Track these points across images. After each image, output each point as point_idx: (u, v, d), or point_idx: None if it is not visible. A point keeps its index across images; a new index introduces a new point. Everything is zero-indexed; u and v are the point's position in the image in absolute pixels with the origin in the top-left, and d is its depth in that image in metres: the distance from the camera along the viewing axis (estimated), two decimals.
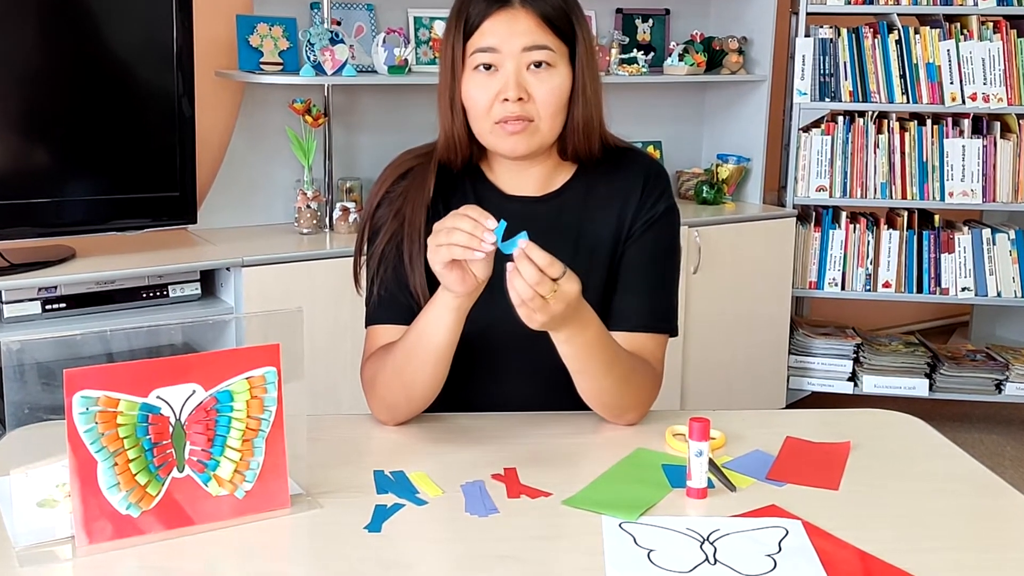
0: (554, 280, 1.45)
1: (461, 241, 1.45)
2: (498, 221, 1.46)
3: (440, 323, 1.57)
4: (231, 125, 3.40)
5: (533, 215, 1.74)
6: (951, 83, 3.91)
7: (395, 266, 1.72)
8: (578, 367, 1.61)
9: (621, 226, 1.75)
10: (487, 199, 1.75)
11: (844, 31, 3.92)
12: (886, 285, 4.05)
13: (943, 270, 4.03)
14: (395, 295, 1.72)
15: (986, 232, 4.02)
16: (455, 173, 1.76)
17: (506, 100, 1.63)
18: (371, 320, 1.76)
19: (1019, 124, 3.96)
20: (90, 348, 1.34)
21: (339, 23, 3.34)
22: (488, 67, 1.64)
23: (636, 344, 1.71)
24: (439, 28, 3.48)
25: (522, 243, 1.44)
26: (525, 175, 1.75)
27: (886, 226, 4.04)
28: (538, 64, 1.64)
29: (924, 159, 3.96)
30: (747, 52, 4.06)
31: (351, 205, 3.35)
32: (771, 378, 4.03)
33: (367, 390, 1.72)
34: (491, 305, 1.58)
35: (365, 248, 1.78)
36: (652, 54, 3.97)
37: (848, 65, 3.93)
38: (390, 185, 1.76)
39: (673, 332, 1.78)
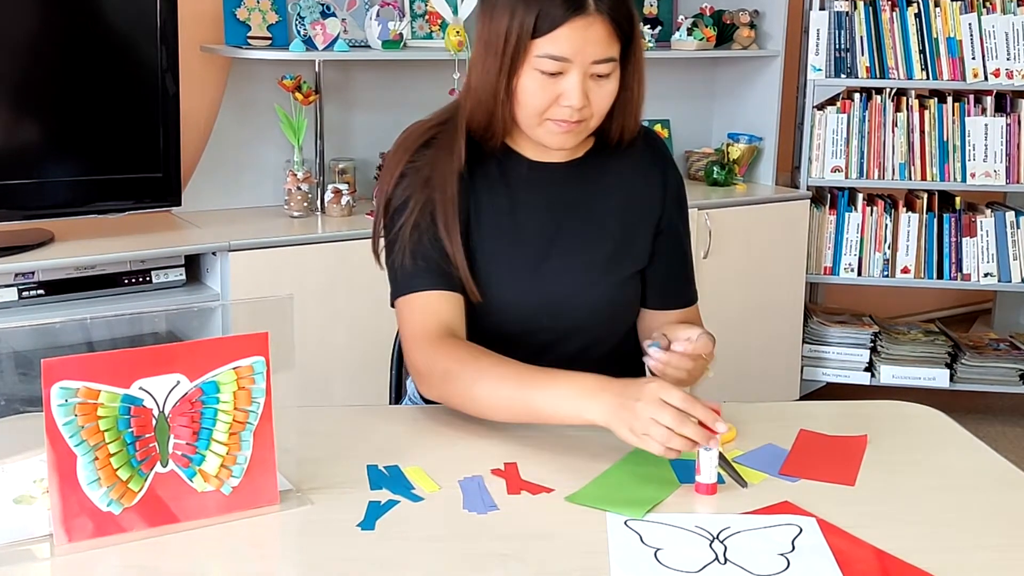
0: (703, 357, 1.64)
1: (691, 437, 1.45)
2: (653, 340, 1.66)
3: (560, 418, 1.56)
4: (217, 103, 3.39)
5: (556, 180, 1.82)
6: (973, 58, 3.90)
7: (431, 235, 1.74)
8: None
9: (643, 203, 1.86)
10: (512, 168, 1.81)
11: (861, 4, 3.91)
12: (905, 271, 4.04)
13: (965, 255, 4.02)
14: (436, 262, 1.73)
15: (1010, 215, 4.01)
16: (476, 141, 1.78)
17: (567, 105, 1.68)
18: (408, 288, 1.74)
19: None
20: (69, 337, 1.34)
21: None
22: (554, 73, 1.67)
23: (691, 316, 1.93)
24: (435, 0, 3.46)
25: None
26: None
27: (905, 209, 4.03)
28: (602, 75, 1.69)
29: (945, 138, 3.95)
30: (759, 26, 4.05)
31: (343, 187, 3.34)
32: (784, 368, 4.03)
33: (429, 379, 1.69)
34: (514, 297, 1.73)
35: (385, 221, 1.79)
36: (659, 28, 3.96)
37: (865, 40, 3.91)
38: (412, 155, 1.77)
39: None
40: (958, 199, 4.08)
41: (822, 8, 3.92)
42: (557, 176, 1.82)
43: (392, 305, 1.78)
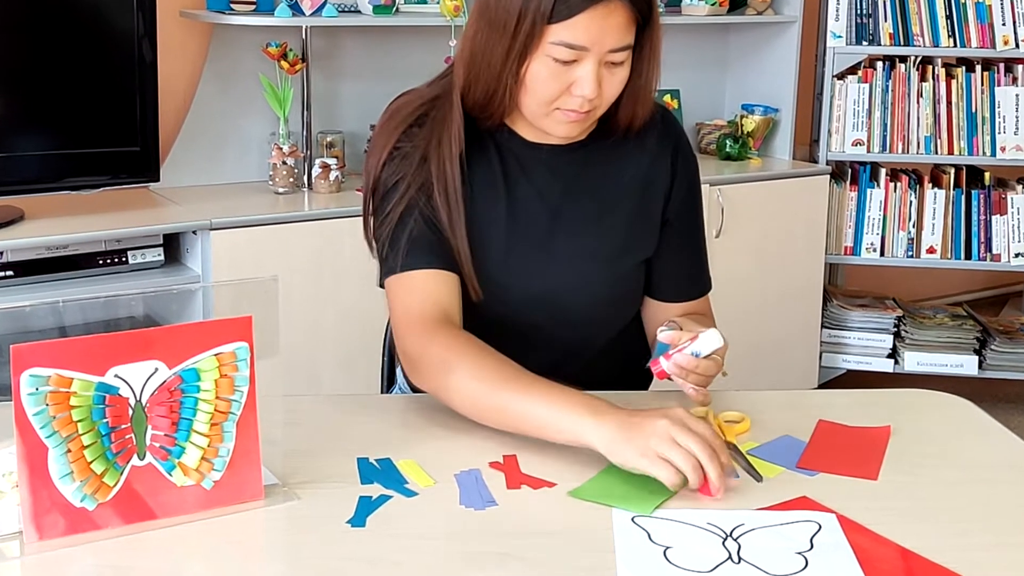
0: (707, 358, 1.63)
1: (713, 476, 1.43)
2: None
3: (562, 438, 1.51)
4: (198, 72, 3.38)
5: (557, 164, 1.80)
6: (1003, 24, 3.89)
7: (426, 213, 1.72)
8: None
9: (651, 189, 1.84)
10: (510, 148, 1.80)
11: None
12: (930, 251, 4.04)
13: (994, 234, 4.02)
14: (430, 240, 1.72)
15: None
16: (470, 117, 1.76)
17: (579, 95, 1.66)
18: (401, 267, 1.71)
19: None
20: (40, 321, 1.33)
21: None
22: (568, 61, 1.65)
23: (701, 307, 1.94)
24: None
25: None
26: None
27: (930, 185, 4.03)
28: (616, 63, 1.68)
29: (973, 110, 3.95)
30: None
31: (332, 161, 3.34)
32: (802, 355, 4.03)
33: (420, 367, 1.65)
34: (507, 282, 1.73)
35: (375, 205, 1.77)
36: None
37: (888, 4, 3.90)
38: (401, 135, 1.76)
39: None
40: (987, 174, 4.07)
41: None
42: (558, 159, 1.80)
43: (380, 285, 1.76)
